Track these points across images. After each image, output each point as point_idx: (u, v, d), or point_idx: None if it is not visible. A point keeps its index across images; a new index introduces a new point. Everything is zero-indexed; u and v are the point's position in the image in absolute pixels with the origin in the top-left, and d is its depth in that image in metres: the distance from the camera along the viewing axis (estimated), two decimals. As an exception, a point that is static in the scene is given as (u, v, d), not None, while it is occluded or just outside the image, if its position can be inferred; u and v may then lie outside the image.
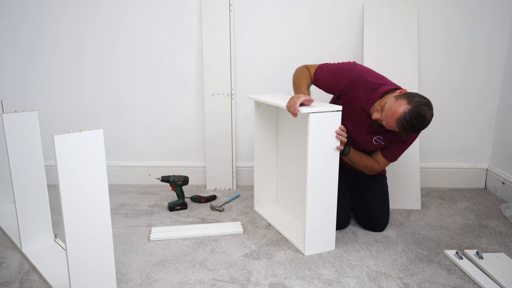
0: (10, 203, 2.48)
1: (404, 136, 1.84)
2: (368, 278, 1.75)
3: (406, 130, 1.78)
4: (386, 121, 1.82)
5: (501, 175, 2.70)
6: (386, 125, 1.84)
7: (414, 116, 1.74)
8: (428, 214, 2.42)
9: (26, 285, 1.70)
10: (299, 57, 2.74)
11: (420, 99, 1.78)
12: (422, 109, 1.74)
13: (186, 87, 2.86)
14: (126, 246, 2.03)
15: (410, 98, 1.77)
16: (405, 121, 1.75)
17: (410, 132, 1.79)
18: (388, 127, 1.85)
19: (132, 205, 2.57)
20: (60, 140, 1.36)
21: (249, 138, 2.88)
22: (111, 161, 2.92)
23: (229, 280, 1.73)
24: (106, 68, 2.85)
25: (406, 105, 1.75)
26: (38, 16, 2.78)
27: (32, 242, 2.00)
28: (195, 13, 2.75)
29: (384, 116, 1.82)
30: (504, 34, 2.68)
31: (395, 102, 1.78)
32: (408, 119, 1.74)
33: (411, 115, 1.74)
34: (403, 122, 1.76)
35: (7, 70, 2.87)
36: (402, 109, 1.75)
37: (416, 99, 1.77)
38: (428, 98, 1.81)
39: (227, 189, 2.87)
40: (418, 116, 1.74)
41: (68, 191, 1.39)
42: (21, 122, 1.88)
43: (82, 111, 2.92)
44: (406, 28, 2.63)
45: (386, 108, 1.80)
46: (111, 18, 2.77)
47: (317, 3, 2.70)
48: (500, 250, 1.99)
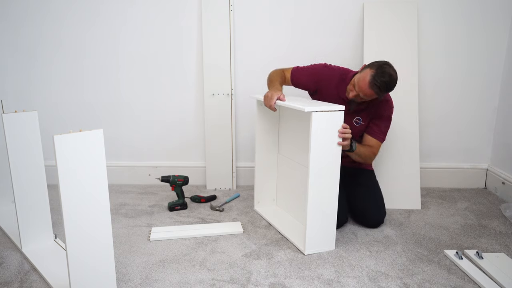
0: (10, 203, 2.48)
1: (380, 97, 2.06)
2: (368, 278, 1.75)
3: (381, 89, 1.99)
4: (362, 92, 2.02)
5: (501, 175, 2.70)
6: (364, 95, 2.03)
7: (381, 75, 1.97)
8: (428, 214, 2.42)
9: (26, 285, 1.70)
10: (299, 57, 2.74)
11: (378, 62, 2.03)
12: (384, 68, 1.99)
13: (186, 87, 2.86)
14: (126, 246, 2.03)
15: (371, 65, 2.03)
16: (376, 82, 1.97)
17: (384, 90, 2.00)
18: (367, 96, 2.03)
19: (132, 205, 2.57)
20: (60, 140, 1.36)
21: (249, 138, 2.88)
22: (111, 161, 2.92)
23: (229, 280, 1.73)
24: (107, 68, 2.85)
25: (370, 70, 1.99)
26: (39, 16, 2.78)
27: (32, 242, 2.00)
28: (195, 13, 2.75)
29: (358, 89, 2.02)
30: (504, 34, 2.68)
31: (361, 74, 2.03)
32: (377, 79, 1.97)
33: (378, 75, 1.97)
34: (375, 84, 1.97)
35: (8, 70, 2.87)
36: (368, 75, 1.98)
37: (375, 63, 2.03)
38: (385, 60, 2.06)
39: (227, 189, 2.87)
40: (383, 74, 1.97)
41: (68, 191, 1.39)
42: (21, 122, 1.88)
43: (82, 111, 2.92)
44: (406, 28, 2.63)
45: (356, 82, 2.03)
46: (111, 18, 2.78)
47: (317, 3, 2.70)
48: (500, 250, 1.99)
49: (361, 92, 2.02)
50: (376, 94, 2.01)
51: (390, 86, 2.00)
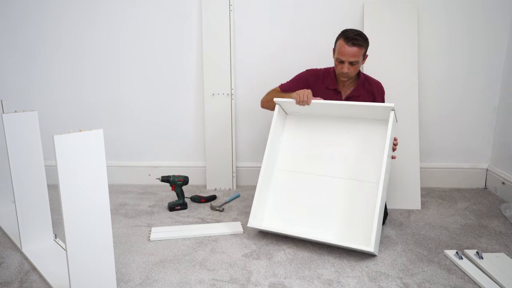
0: (10, 203, 2.48)
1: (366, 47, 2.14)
2: (368, 278, 1.75)
3: (359, 39, 2.09)
4: (349, 56, 2.10)
5: (501, 175, 2.70)
6: (353, 56, 2.10)
7: (350, 32, 2.11)
8: (428, 214, 2.42)
9: (26, 285, 1.70)
10: (299, 57, 2.74)
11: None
12: (346, 29, 2.15)
13: (186, 87, 2.86)
14: (126, 246, 2.03)
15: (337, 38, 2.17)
16: (352, 37, 2.08)
17: (363, 38, 2.10)
18: (356, 57, 2.10)
19: (132, 205, 2.57)
20: (60, 140, 1.36)
21: (249, 138, 2.88)
22: (111, 161, 2.92)
23: (229, 280, 1.73)
24: (106, 68, 2.85)
25: (340, 39, 2.13)
26: (39, 16, 2.78)
27: (32, 242, 2.00)
28: (195, 13, 2.75)
29: (344, 57, 2.11)
30: (504, 34, 2.68)
31: (337, 48, 2.15)
32: (350, 35, 2.09)
33: (348, 33, 2.11)
34: (353, 38, 2.08)
35: (8, 70, 2.87)
36: (342, 41, 2.11)
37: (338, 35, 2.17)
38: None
39: (227, 189, 2.87)
40: (350, 30, 2.12)
41: (68, 191, 1.39)
42: (21, 122, 1.88)
43: (82, 111, 2.92)
44: (406, 28, 2.63)
45: (339, 55, 2.13)
46: (111, 18, 2.78)
47: (317, 3, 2.70)
48: (500, 250, 1.99)
49: (349, 56, 2.10)
50: (361, 46, 2.10)
51: (364, 35, 2.12)
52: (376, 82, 2.30)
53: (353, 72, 2.17)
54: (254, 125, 2.84)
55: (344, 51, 2.10)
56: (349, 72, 2.15)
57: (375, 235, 1.83)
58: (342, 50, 2.11)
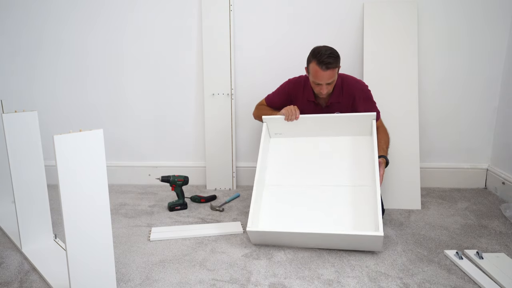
0: (10, 203, 2.48)
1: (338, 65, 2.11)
2: (368, 278, 1.75)
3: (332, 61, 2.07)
4: (324, 79, 2.10)
5: (501, 175, 2.70)
6: (329, 79, 2.10)
7: (321, 54, 2.07)
8: (428, 214, 2.41)
9: (26, 285, 1.70)
10: (299, 57, 2.73)
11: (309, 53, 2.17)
12: (316, 50, 2.12)
13: (186, 87, 2.86)
14: (126, 246, 2.03)
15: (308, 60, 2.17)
16: (324, 62, 2.06)
17: (335, 59, 2.08)
18: (331, 78, 2.11)
19: (132, 205, 2.57)
20: (60, 140, 1.36)
21: (249, 138, 2.88)
22: (111, 161, 2.92)
23: (229, 280, 1.73)
24: (106, 68, 2.85)
25: (312, 62, 2.11)
26: (40, 17, 2.79)
27: (32, 242, 2.00)
28: (195, 13, 2.75)
29: (320, 80, 2.11)
30: (504, 34, 2.68)
31: (311, 72, 2.15)
32: (323, 59, 2.06)
33: (320, 57, 2.07)
34: (326, 62, 2.06)
35: (8, 70, 2.87)
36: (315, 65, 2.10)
37: (308, 56, 2.17)
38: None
39: (227, 189, 2.87)
40: (320, 52, 2.08)
41: (68, 191, 1.39)
42: (21, 122, 1.88)
43: (82, 111, 2.92)
44: (407, 28, 2.63)
45: (314, 79, 2.14)
46: (112, 19, 2.78)
47: (317, 3, 2.70)
48: (500, 250, 1.99)
49: (324, 80, 2.10)
50: (335, 68, 2.10)
51: (335, 53, 2.10)
52: (356, 84, 2.27)
53: (331, 90, 2.21)
54: (254, 125, 2.84)
55: (320, 75, 2.10)
56: (328, 91, 2.18)
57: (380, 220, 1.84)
58: (317, 74, 2.10)
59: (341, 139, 2.23)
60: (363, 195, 2.03)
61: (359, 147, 2.18)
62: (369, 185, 2.04)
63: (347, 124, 2.19)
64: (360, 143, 2.19)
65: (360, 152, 2.17)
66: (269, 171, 2.24)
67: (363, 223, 1.93)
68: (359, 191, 2.05)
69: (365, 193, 2.03)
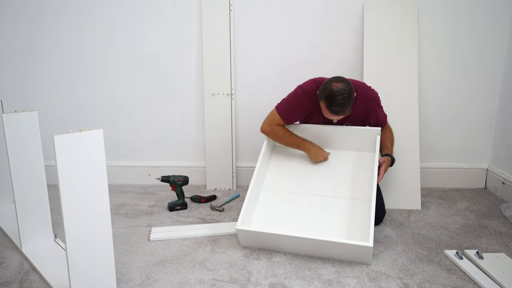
0: (10, 203, 2.48)
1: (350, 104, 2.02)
2: (368, 278, 1.75)
3: (344, 107, 2.00)
4: (332, 118, 2.10)
5: (501, 175, 2.70)
6: (338, 118, 2.10)
7: (332, 99, 1.98)
8: (428, 214, 2.41)
9: (26, 285, 1.70)
10: (299, 57, 2.74)
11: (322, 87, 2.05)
12: (329, 91, 1.99)
13: (186, 87, 2.86)
14: (126, 246, 2.03)
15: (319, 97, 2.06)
16: (335, 109, 2.00)
17: (347, 105, 2.00)
18: (338, 118, 2.10)
19: (132, 205, 2.57)
20: (60, 140, 1.36)
21: (249, 138, 2.88)
22: (111, 161, 2.92)
23: (229, 280, 1.73)
24: (106, 68, 2.85)
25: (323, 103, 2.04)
26: (38, 16, 2.78)
27: (32, 242, 2.00)
28: (195, 13, 2.75)
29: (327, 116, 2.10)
30: (504, 34, 2.68)
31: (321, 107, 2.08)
32: (334, 106, 1.99)
33: (331, 102, 1.99)
34: (337, 110, 2.01)
35: (8, 70, 2.87)
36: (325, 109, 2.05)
37: (320, 93, 2.05)
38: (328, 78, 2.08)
39: (227, 189, 2.87)
40: (333, 96, 1.97)
41: (68, 191, 1.39)
42: (21, 122, 1.88)
43: (82, 111, 2.92)
44: (406, 28, 2.63)
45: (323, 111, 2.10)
46: (111, 18, 2.78)
47: (317, 3, 2.70)
48: (500, 250, 1.99)
49: (334, 119, 2.12)
50: (347, 112, 2.06)
51: (346, 98, 1.98)
52: (368, 94, 2.22)
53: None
54: (254, 125, 2.83)
55: (329, 116, 2.10)
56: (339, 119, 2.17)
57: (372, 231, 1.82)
58: (327, 114, 2.09)
59: (345, 153, 2.25)
60: (359, 208, 2.02)
61: (361, 163, 2.20)
62: (366, 199, 2.04)
63: (352, 137, 2.21)
64: (362, 158, 2.22)
65: (361, 167, 2.18)
66: (268, 176, 2.25)
67: (355, 235, 1.91)
68: (355, 204, 2.05)
69: (361, 207, 2.02)
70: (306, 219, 2.03)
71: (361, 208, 2.02)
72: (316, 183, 2.17)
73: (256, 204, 2.13)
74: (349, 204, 2.06)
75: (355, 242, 1.78)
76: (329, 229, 1.97)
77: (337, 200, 2.08)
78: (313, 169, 2.22)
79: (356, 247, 1.78)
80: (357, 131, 2.19)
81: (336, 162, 2.23)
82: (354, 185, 2.12)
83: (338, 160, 2.23)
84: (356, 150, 2.24)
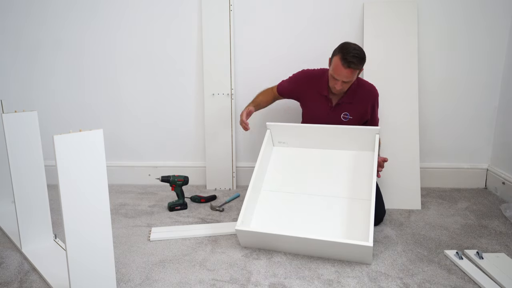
0: (10, 203, 2.48)
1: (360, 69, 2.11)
2: (368, 278, 1.75)
3: (356, 62, 2.06)
4: (343, 77, 2.09)
5: (501, 175, 2.70)
6: (347, 78, 2.10)
7: (348, 52, 2.05)
8: (428, 214, 2.41)
9: (26, 285, 1.70)
10: (299, 56, 2.74)
11: (338, 46, 2.15)
12: (346, 46, 2.10)
13: (186, 87, 2.86)
14: (126, 246, 2.03)
15: (334, 52, 2.14)
16: (348, 59, 2.05)
17: (360, 61, 2.08)
18: (349, 78, 2.10)
19: (132, 205, 2.57)
20: (60, 140, 1.36)
21: (249, 138, 2.88)
22: (111, 161, 2.92)
23: (229, 280, 1.73)
24: (106, 68, 2.85)
25: (337, 56, 2.10)
26: (40, 17, 2.78)
27: (32, 242, 2.00)
28: (195, 13, 2.75)
29: (338, 76, 2.10)
30: (504, 34, 2.68)
31: (333, 64, 2.13)
32: (348, 57, 2.05)
33: (346, 54, 2.05)
34: (350, 61, 2.05)
35: (8, 70, 2.87)
36: (339, 60, 2.08)
37: (336, 49, 2.14)
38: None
39: (227, 189, 2.87)
40: (349, 50, 2.06)
41: (68, 191, 1.39)
42: (21, 122, 1.88)
43: (82, 111, 2.92)
44: (406, 28, 2.63)
45: (333, 72, 2.12)
46: (111, 18, 2.78)
47: (317, 3, 2.70)
48: (500, 250, 1.99)
49: (343, 77, 2.10)
50: (356, 69, 2.10)
51: (361, 55, 2.09)
52: (369, 88, 2.31)
53: (345, 89, 2.20)
54: (254, 125, 2.84)
55: (339, 71, 2.09)
56: (342, 89, 2.18)
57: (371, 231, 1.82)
58: (337, 69, 2.10)
59: (344, 153, 2.23)
60: (359, 208, 2.01)
61: (360, 162, 2.18)
62: (366, 199, 2.03)
63: (351, 136, 2.19)
64: (361, 157, 2.19)
65: (360, 166, 2.16)
66: (267, 176, 2.25)
67: (356, 235, 1.90)
68: (355, 204, 2.04)
69: (361, 207, 2.01)
70: (306, 219, 2.03)
71: (361, 207, 2.01)
72: (316, 182, 2.16)
73: (256, 204, 2.13)
74: (349, 203, 2.05)
75: (355, 241, 1.78)
76: (329, 228, 1.97)
77: (336, 200, 2.08)
78: (312, 169, 2.22)
79: (356, 247, 1.78)
80: (356, 130, 2.18)
81: (335, 162, 2.22)
82: (353, 185, 2.11)
83: (338, 160, 2.22)
84: (355, 150, 2.22)
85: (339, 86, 2.15)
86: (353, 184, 2.12)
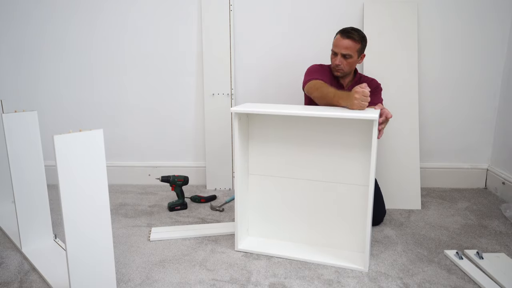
0: (10, 203, 2.48)
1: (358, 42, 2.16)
2: (368, 278, 1.75)
3: (354, 34, 2.15)
4: (342, 48, 2.15)
5: (501, 175, 2.70)
6: (346, 49, 2.15)
7: (346, 28, 2.19)
8: (428, 214, 2.41)
9: (26, 285, 1.70)
10: (298, 57, 2.74)
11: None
12: (345, 27, 2.21)
13: (186, 87, 2.86)
14: (126, 246, 2.03)
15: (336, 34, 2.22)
16: (347, 31, 2.16)
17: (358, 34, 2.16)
18: (348, 50, 2.15)
19: (132, 205, 2.57)
20: (60, 140, 1.36)
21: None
22: (111, 161, 2.92)
23: (229, 280, 1.73)
24: (106, 68, 2.85)
25: (338, 33, 2.20)
26: (41, 16, 2.78)
27: (32, 242, 1.99)
28: (195, 13, 2.75)
29: (337, 49, 2.17)
30: (504, 34, 2.68)
31: (333, 41, 2.22)
32: (346, 29, 2.17)
33: (345, 29, 2.18)
34: (348, 32, 2.15)
35: (8, 70, 2.87)
36: (338, 35, 2.19)
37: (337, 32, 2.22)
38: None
39: (227, 189, 2.87)
40: (347, 27, 2.20)
41: (68, 191, 1.39)
42: (21, 122, 1.88)
43: (82, 111, 2.92)
44: (406, 28, 2.63)
45: (334, 46, 2.20)
46: (112, 18, 2.78)
47: (317, 3, 2.70)
48: (500, 250, 1.99)
49: (341, 48, 2.15)
50: (355, 40, 2.15)
51: (359, 31, 2.18)
52: (375, 81, 2.32)
53: (346, 67, 2.20)
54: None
55: (338, 43, 2.17)
56: (342, 65, 2.19)
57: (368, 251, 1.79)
58: (336, 42, 2.19)
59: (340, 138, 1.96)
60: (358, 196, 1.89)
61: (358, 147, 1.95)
62: (363, 184, 1.89)
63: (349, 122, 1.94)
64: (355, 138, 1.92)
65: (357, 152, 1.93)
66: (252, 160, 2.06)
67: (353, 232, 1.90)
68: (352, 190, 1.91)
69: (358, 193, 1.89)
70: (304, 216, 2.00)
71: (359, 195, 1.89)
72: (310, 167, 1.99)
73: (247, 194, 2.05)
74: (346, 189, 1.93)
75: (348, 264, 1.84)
76: (329, 229, 1.97)
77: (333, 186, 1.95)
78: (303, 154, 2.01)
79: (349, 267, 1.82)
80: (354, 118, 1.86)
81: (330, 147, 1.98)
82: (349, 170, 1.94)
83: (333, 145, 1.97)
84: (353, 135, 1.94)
85: (338, 61, 2.17)
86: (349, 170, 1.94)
